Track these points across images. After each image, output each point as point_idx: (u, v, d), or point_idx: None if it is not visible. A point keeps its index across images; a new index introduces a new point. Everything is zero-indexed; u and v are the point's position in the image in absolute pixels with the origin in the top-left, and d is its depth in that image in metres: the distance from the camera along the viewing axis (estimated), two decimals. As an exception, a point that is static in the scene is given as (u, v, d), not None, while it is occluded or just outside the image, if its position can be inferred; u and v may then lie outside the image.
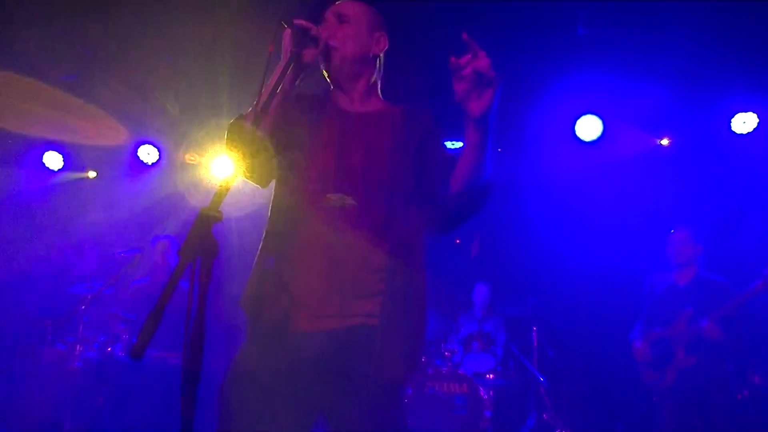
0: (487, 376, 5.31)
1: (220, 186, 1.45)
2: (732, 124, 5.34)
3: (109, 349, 4.70)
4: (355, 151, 1.89)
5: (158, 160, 6.24)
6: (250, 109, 1.86)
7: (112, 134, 6.18)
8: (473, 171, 1.89)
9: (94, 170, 6.58)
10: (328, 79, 2.04)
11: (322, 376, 1.75)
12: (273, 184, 2.00)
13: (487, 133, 1.83)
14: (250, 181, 1.96)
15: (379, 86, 2.09)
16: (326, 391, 1.75)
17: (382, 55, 2.06)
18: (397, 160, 1.91)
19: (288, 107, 1.90)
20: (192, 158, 6.11)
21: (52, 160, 6.25)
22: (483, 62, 1.70)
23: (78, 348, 4.69)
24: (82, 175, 6.56)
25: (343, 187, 1.83)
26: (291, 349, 1.76)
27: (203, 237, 1.34)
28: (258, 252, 1.90)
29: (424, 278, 1.88)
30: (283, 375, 1.75)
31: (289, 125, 1.90)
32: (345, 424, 1.73)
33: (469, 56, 1.70)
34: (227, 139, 1.85)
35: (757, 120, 5.28)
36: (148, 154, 6.20)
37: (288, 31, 1.79)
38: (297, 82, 1.87)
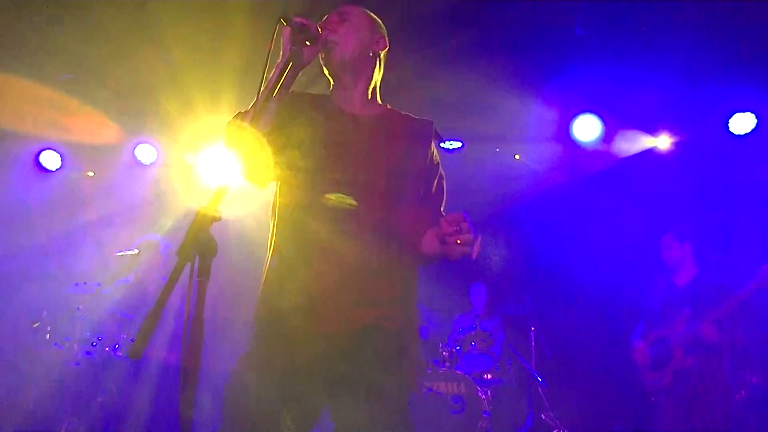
0: (485, 375, 5.32)
1: (219, 185, 1.45)
2: (730, 125, 5.35)
3: (107, 348, 4.69)
4: (358, 153, 1.90)
5: (156, 160, 6.22)
6: (250, 106, 1.86)
7: (110, 134, 6.17)
8: (424, 261, 1.95)
9: (92, 170, 6.56)
10: (329, 78, 2.03)
11: (329, 375, 1.76)
12: (273, 184, 1.99)
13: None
14: (249, 181, 1.95)
15: (378, 89, 2.08)
16: (332, 390, 1.76)
17: (382, 56, 2.05)
18: (399, 164, 1.92)
19: (288, 106, 1.90)
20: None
21: (50, 159, 6.23)
22: (467, 238, 1.71)
23: (76, 348, 4.68)
24: (80, 174, 6.54)
25: (346, 188, 1.84)
26: (300, 348, 1.77)
27: (202, 236, 1.34)
28: (269, 253, 1.90)
29: (417, 279, 1.94)
30: (289, 373, 1.76)
31: (289, 125, 1.89)
32: (350, 424, 1.74)
33: (456, 229, 1.71)
34: (225, 137, 1.85)
35: (755, 120, 5.29)
36: (145, 153, 6.18)
37: (287, 28, 1.79)
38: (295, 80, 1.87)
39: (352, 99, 2.00)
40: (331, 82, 2.04)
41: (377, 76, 2.05)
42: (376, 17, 2.06)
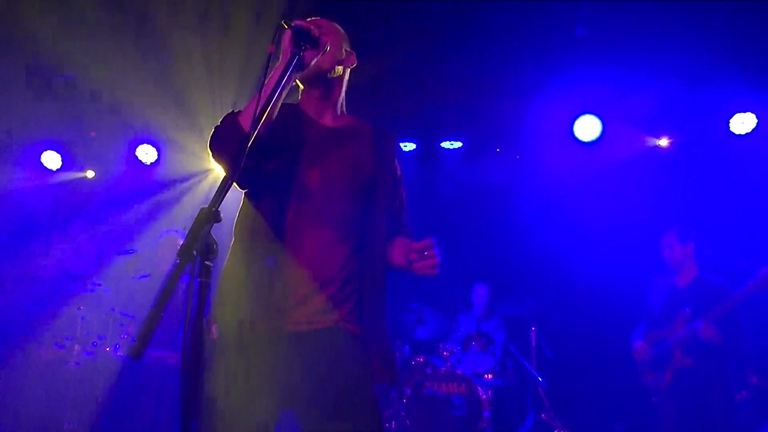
0: (486, 376, 5.32)
1: (220, 186, 1.45)
2: (731, 125, 5.35)
3: (107, 348, 4.69)
4: (335, 164, 1.94)
5: (157, 160, 6.22)
6: (245, 106, 1.86)
7: (111, 134, 6.17)
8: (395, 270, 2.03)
9: (93, 170, 6.57)
10: (301, 87, 2.03)
11: (293, 375, 1.79)
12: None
13: None
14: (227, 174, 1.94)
15: (343, 102, 2.10)
16: (296, 390, 1.79)
17: (348, 72, 2.07)
18: (374, 175, 1.99)
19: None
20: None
21: (51, 159, 6.23)
22: (432, 262, 1.85)
23: (76, 348, 4.69)
24: (81, 174, 6.54)
25: (322, 199, 1.89)
26: (262, 349, 1.81)
27: (203, 237, 1.35)
28: (227, 260, 1.93)
29: (385, 284, 1.99)
30: (252, 373, 1.79)
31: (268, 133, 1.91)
32: (316, 424, 1.76)
33: (422, 252, 1.86)
34: (215, 139, 1.84)
35: (756, 120, 5.29)
36: (146, 153, 6.18)
37: (288, 32, 1.79)
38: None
39: (324, 111, 2.03)
40: (300, 90, 2.05)
41: (344, 89, 2.08)
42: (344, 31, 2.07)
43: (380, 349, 1.89)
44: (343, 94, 2.07)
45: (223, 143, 1.81)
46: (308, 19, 1.93)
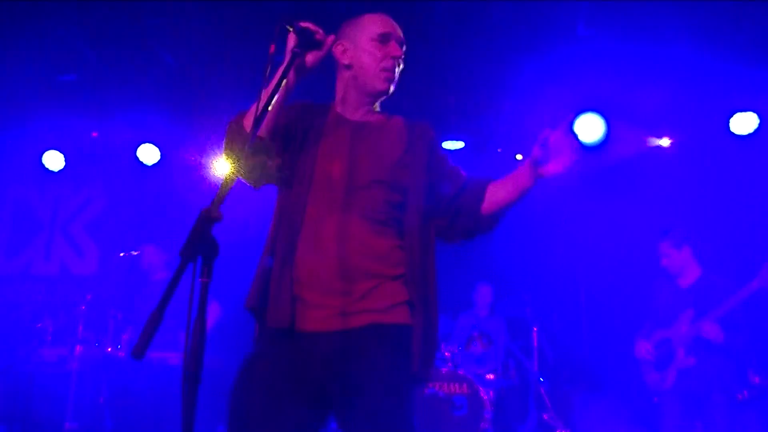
0: (488, 376, 5.31)
1: (222, 186, 1.45)
2: (731, 125, 5.34)
3: (109, 349, 4.70)
4: (362, 160, 1.90)
5: (159, 161, 6.22)
6: (252, 106, 1.86)
7: (113, 134, 6.18)
8: (510, 204, 2.01)
9: (94, 170, 6.57)
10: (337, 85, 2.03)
11: (330, 375, 1.75)
12: (275, 186, 1.99)
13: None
14: (244, 180, 1.94)
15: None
16: (334, 391, 1.75)
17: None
18: (405, 170, 1.93)
19: (290, 112, 1.91)
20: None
21: (52, 160, 6.22)
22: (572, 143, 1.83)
23: (78, 348, 4.69)
24: (82, 175, 6.55)
25: (349, 196, 1.84)
26: (298, 349, 1.77)
27: (204, 237, 1.34)
28: (262, 254, 1.90)
29: (436, 283, 1.92)
30: (291, 375, 1.76)
31: (291, 130, 1.90)
32: (354, 424, 1.73)
33: (561, 133, 1.84)
34: (226, 136, 1.85)
35: (758, 120, 5.28)
36: (148, 154, 6.18)
37: (292, 33, 1.78)
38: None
39: (352, 107, 2.00)
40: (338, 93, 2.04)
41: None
42: None
43: (424, 347, 1.80)
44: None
45: (230, 142, 1.83)
46: None
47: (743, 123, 5.29)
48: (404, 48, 2.00)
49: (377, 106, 2.06)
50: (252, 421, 1.73)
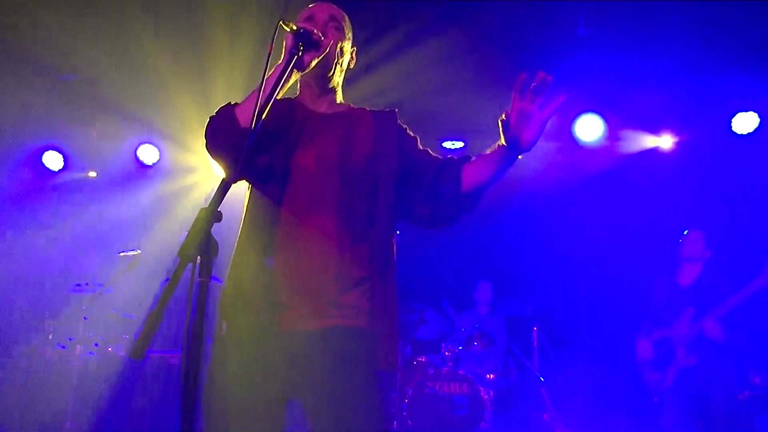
0: (488, 375, 5.31)
1: (220, 185, 1.45)
2: (733, 124, 5.33)
3: (109, 348, 4.70)
4: (328, 146, 1.92)
5: (158, 161, 6.22)
6: (243, 101, 1.86)
7: (113, 134, 6.18)
8: (493, 179, 1.98)
9: (94, 170, 6.57)
10: (298, 80, 2.01)
11: (299, 370, 1.77)
12: (245, 185, 1.98)
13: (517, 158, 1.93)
14: (221, 168, 1.92)
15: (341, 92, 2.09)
16: (301, 381, 1.77)
17: (346, 69, 2.07)
18: (377, 160, 1.94)
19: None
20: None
21: (52, 160, 6.23)
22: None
23: (78, 348, 4.69)
24: (83, 175, 6.54)
25: (319, 182, 1.86)
26: (270, 347, 1.79)
27: (203, 236, 1.34)
28: (235, 252, 1.91)
29: (395, 278, 1.92)
30: (259, 370, 1.78)
31: (266, 126, 1.90)
32: (323, 415, 1.75)
33: (542, 76, 1.86)
34: (211, 131, 1.85)
35: (758, 120, 5.28)
36: (148, 154, 6.18)
37: (290, 34, 1.79)
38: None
39: (320, 101, 2.02)
40: (298, 84, 2.04)
41: (341, 82, 2.07)
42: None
43: (385, 337, 1.83)
44: (340, 86, 2.07)
45: (218, 135, 1.83)
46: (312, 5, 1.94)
47: (744, 123, 5.29)
48: (335, 22, 1.96)
49: (340, 97, 2.06)
50: (229, 416, 1.75)
